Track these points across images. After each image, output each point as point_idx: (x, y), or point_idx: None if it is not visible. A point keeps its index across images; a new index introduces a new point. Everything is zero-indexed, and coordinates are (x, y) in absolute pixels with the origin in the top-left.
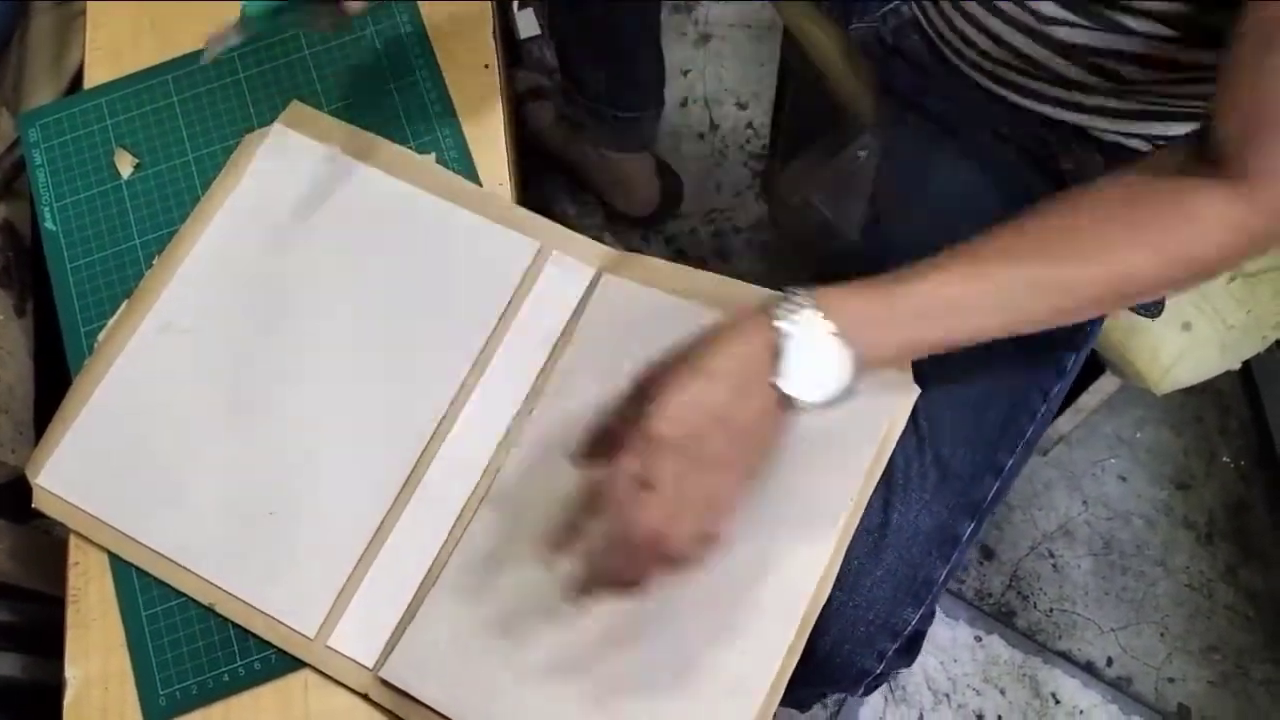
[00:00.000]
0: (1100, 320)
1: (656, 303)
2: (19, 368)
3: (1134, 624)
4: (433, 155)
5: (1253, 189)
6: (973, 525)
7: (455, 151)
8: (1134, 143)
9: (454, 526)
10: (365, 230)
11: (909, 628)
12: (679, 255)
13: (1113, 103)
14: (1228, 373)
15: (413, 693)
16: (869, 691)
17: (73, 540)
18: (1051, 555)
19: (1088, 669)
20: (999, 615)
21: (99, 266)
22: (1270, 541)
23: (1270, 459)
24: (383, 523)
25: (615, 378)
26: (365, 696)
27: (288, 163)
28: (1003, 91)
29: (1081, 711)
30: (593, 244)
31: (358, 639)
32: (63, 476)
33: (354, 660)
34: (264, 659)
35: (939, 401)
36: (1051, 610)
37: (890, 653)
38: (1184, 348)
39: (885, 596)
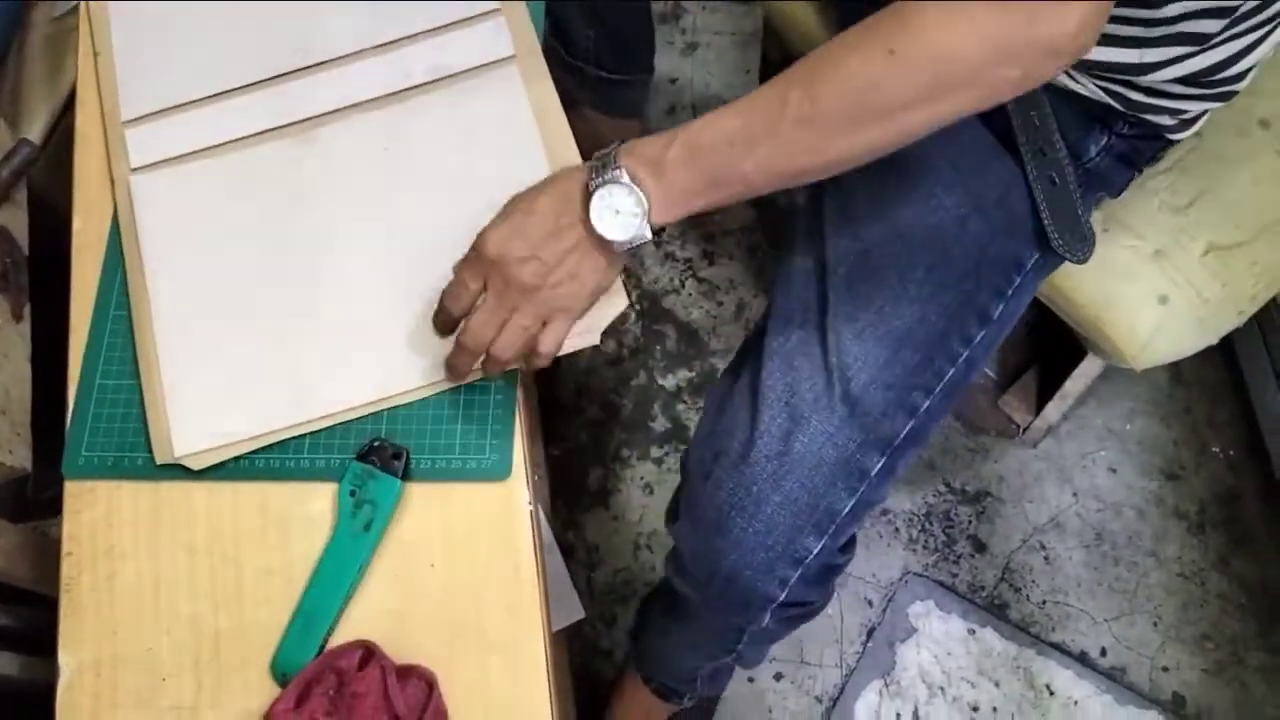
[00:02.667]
0: (1037, 271)
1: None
2: (16, 371)
3: (1127, 614)
4: None
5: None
6: (883, 460)
7: None
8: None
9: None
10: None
11: (810, 556)
12: (668, 258)
13: None
14: (1215, 364)
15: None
16: (789, 625)
17: (66, 529)
18: (1043, 548)
19: (1081, 660)
20: (992, 608)
21: None
22: (1261, 530)
23: (1259, 448)
24: None
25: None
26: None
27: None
28: None
29: (1076, 702)
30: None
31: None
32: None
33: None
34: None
35: (851, 338)
36: (1044, 602)
37: (793, 580)
38: (1161, 321)
39: (785, 523)
